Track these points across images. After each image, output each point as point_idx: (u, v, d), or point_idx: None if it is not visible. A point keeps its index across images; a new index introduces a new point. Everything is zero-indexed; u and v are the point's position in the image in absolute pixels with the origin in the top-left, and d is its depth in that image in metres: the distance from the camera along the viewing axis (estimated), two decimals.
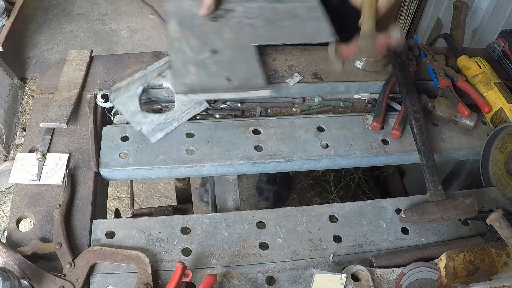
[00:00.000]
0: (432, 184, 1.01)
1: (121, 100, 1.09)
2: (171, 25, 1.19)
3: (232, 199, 1.10)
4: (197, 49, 1.14)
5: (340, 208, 1.02)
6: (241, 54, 1.16)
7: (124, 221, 0.97)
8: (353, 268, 0.89)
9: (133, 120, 1.06)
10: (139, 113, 1.08)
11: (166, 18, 1.22)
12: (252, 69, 1.13)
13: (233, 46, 1.17)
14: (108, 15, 3.57)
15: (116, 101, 1.08)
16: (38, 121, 1.10)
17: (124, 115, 1.07)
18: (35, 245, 0.89)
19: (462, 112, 1.14)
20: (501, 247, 0.87)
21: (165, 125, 1.08)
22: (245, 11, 1.25)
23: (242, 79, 1.10)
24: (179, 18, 1.21)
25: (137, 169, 1.04)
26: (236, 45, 1.18)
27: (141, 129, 1.06)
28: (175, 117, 1.11)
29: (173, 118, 1.10)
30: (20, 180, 0.99)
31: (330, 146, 1.11)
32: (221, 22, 1.22)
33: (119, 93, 1.07)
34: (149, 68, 1.12)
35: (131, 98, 1.09)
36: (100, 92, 1.14)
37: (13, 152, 2.70)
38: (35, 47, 3.25)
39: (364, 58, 1.23)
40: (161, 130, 1.07)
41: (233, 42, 1.18)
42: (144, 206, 2.47)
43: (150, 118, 1.09)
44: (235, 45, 1.18)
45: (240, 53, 1.16)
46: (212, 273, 0.87)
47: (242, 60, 1.15)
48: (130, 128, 1.10)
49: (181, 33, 1.17)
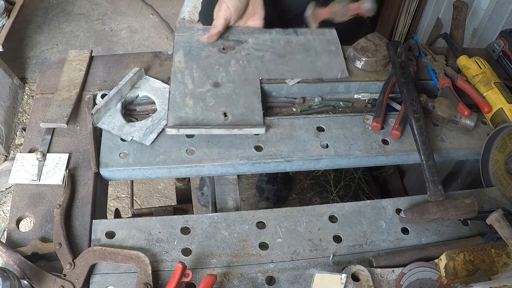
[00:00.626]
0: (432, 184, 1.01)
1: (105, 120, 1.09)
2: (177, 56, 1.19)
3: (232, 199, 1.10)
4: (199, 81, 1.14)
5: (340, 208, 1.02)
6: (243, 88, 1.14)
7: (124, 221, 0.97)
8: (353, 268, 0.89)
9: (122, 133, 1.07)
10: (125, 125, 1.08)
11: (174, 48, 1.21)
12: (251, 104, 1.11)
13: (236, 79, 1.16)
14: (108, 15, 3.57)
15: (100, 123, 1.08)
16: (38, 121, 1.10)
17: (113, 132, 1.07)
18: (35, 245, 0.89)
19: (462, 112, 1.14)
20: (501, 247, 0.87)
21: (154, 126, 1.09)
22: (256, 42, 1.24)
23: (238, 115, 1.09)
24: (187, 48, 1.21)
25: (137, 169, 1.04)
26: (240, 79, 1.16)
27: (132, 138, 1.06)
28: (161, 116, 1.11)
29: (159, 118, 1.11)
30: (20, 180, 0.99)
31: (330, 146, 1.11)
32: (230, 53, 1.21)
33: (100, 115, 1.07)
34: (121, 83, 1.11)
35: (113, 115, 1.09)
36: (100, 92, 1.14)
37: (13, 152, 2.70)
38: (35, 47, 3.25)
39: (336, 21, 1.26)
40: (152, 132, 1.08)
41: (237, 75, 1.17)
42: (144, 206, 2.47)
43: (138, 126, 1.09)
44: (239, 79, 1.16)
45: (242, 87, 1.15)
46: (212, 273, 0.87)
47: (243, 94, 1.13)
48: None
49: (185, 64, 1.17)
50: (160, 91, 1.15)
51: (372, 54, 1.25)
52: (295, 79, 1.20)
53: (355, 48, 1.26)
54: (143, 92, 1.15)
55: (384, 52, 1.25)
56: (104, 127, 1.08)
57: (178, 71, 1.15)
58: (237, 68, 1.18)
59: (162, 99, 1.13)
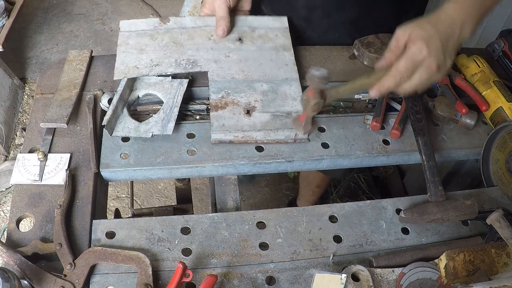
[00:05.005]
0: (433, 185, 1.01)
1: (117, 128, 1.08)
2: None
3: (232, 199, 1.10)
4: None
5: (340, 208, 1.02)
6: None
7: (124, 221, 0.97)
8: (353, 268, 0.89)
9: (141, 133, 1.06)
10: (140, 125, 1.08)
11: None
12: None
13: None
14: (108, 15, 3.57)
15: (115, 132, 1.07)
16: (38, 121, 1.10)
17: (130, 135, 1.07)
18: (35, 245, 0.89)
19: (460, 109, 1.14)
20: (501, 247, 0.87)
21: (169, 116, 1.08)
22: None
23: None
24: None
25: (138, 169, 1.04)
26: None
27: (153, 134, 1.06)
28: (170, 105, 1.11)
29: (169, 107, 1.10)
30: (21, 181, 0.99)
31: (331, 146, 1.11)
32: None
33: (112, 124, 1.07)
34: (119, 89, 1.10)
35: (124, 121, 1.09)
36: (104, 96, 1.12)
37: (13, 152, 2.70)
38: (35, 47, 3.25)
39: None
40: (169, 121, 1.07)
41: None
42: (144, 206, 2.47)
43: (153, 121, 1.08)
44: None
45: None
46: (212, 273, 0.87)
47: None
48: None
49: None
50: (158, 85, 1.15)
51: (375, 50, 1.25)
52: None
53: (362, 41, 1.27)
54: (142, 91, 1.15)
55: None
56: (119, 135, 1.07)
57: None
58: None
59: (163, 90, 1.13)
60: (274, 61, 1.19)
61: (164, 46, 1.17)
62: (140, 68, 1.13)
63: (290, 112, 1.10)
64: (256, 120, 1.08)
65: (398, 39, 1.00)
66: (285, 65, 1.19)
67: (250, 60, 1.18)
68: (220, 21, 1.21)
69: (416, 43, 0.96)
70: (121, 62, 1.14)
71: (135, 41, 1.18)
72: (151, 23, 1.21)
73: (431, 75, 0.98)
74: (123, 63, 1.14)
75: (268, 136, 1.07)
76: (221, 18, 1.20)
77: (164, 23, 1.21)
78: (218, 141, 1.06)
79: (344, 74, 1.25)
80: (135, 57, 1.15)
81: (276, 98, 1.12)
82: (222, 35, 1.21)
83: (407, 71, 0.96)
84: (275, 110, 1.10)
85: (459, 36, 1.00)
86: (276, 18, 1.28)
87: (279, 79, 1.15)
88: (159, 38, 1.19)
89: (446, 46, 0.98)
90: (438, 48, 0.96)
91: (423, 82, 0.99)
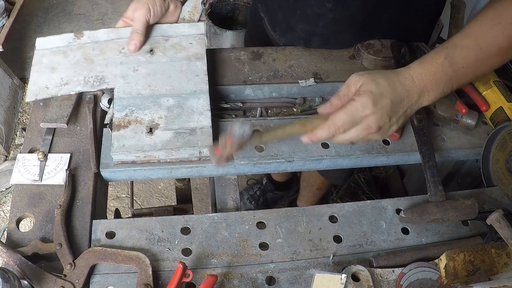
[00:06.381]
0: (433, 185, 1.01)
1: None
2: None
3: (232, 199, 1.10)
4: None
5: (340, 208, 1.02)
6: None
7: (124, 221, 0.97)
8: (353, 268, 0.89)
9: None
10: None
11: None
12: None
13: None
14: (108, 15, 3.57)
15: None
16: (38, 121, 1.10)
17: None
18: (35, 245, 0.89)
19: (460, 109, 1.14)
20: (501, 247, 0.87)
21: None
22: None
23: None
24: None
25: (138, 169, 1.04)
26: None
27: None
28: None
29: None
30: (21, 181, 0.99)
31: (331, 146, 1.11)
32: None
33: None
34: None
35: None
36: (104, 96, 1.12)
37: (13, 152, 2.70)
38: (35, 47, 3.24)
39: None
40: None
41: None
42: (144, 206, 2.47)
43: None
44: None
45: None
46: (212, 274, 0.87)
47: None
48: None
49: None
50: None
51: (374, 52, 1.25)
52: (308, 82, 1.21)
53: (362, 43, 1.27)
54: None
55: (387, 54, 1.24)
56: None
57: None
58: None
59: None
60: (184, 72, 1.12)
61: (75, 63, 1.12)
62: (50, 88, 1.09)
63: (194, 128, 1.03)
64: (157, 139, 1.01)
65: (349, 87, 0.92)
66: (195, 76, 1.11)
67: (159, 73, 1.12)
68: (134, 34, 1.14)
69: (363, 98, 0.88)
70: (33, 83, 1.09)
71: (48, 60, 1.13)
72: (66, 39, 1.16)
73: (368, 135, 0.91)
74: (35, 84, 1.09)
75: (170, 155, 1.02)
76: (136, 32, 1.14)
77: (79, 38, 1.16)
78: (120, 161, 1.02)
79: (344, 74, 1.25)
80: (47, 76, 1.10)
81: (181, 114, 1.05)
82: (134, 50, 1.14)
83: (344, 125, 0.89)
84: (179, 127, 1.03)
85: (415, 102, 0.93)
86: (193, 25, 1.21)
87: (187, 92, 1.09)
88: (71, 54, 1.14)
89: (396, 109, 0.91)
90: (385, 109, 0.89)
91: (359, 139, 0.93)
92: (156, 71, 1.12)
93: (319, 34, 1.27)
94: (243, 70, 1.24)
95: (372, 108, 0.88)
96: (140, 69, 1.13)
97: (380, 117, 0.89)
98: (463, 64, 0.93)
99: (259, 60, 1.27)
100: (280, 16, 1.32)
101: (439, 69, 0.92)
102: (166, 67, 1.13)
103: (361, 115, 0.88)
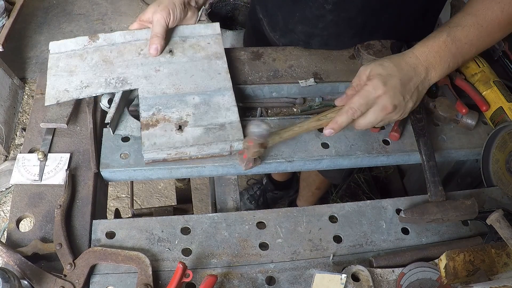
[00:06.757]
0: (433, 185, 1.01)
1: (120, 126, 1.07)
2: None
3: (232, 199, 1.10)
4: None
5: (340, 208, 1.02)
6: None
7: (124, 221, 0.97)
8: (353, 268, 0.89)
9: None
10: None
11: None
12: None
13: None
14: (108, 15, 3.57)
15: (117, 131, 1.07)
16: (38, 121, 1.10)
17: (134, 134, 1.07)
18: (35, 245, 0.89)
19: (460, 109, 1.14)
20: (501, 247, 0.87)
21: None
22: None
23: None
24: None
25: (138, 169, 1.04)
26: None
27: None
28: None
29: None
30: (21, 181, 0.99)
31: (331, 146, 1.11)
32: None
33: (114, 123, 1.06)
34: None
35: (126, 120, 1.08)
36: (104, 96, 1.12)
37: (13, 152, 2.70)
38: (35, 47, 3.25)
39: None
40: None
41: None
42: (144, 206, 2.48)
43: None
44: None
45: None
46: (212, 274, 0.87)
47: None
48: None
49: None
50: None
51: (374, 52, 1.25)
52: (308, 81, 1.21)
53: (362, 43, 1.27)
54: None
55: (387, 54, 1.24)
56: (122, 133, 1.07)
57: None
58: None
59: None
60: (206, 71, 1.14)
61: (94, 66, 1.13)
62: (70, 91, 1.09)
63: (223, 123, 1.05)
64: (188, 135, 1.03)
65: (360, 76, 0.98)
66: (218, 74, 1.13)
67: (181, 72, 1.13)
68: (154, 38, 1.13)
69: (373, 81, 0.94)
70: (51, 87, 1.09)
71: (65, 63, 1.13)
72: (81, 42, 1.16)
73: (386, 114, 0.96)
74: (54, 88, 1.09)
75: (202, 150, 1.03)
76: (156, 35, 1.13)
77: (94, 40, 1.17)
78: (151, 160, 1.03)
79: (344, 74, 1.25)
80: (66, 80, 1.10)
81: (208, 111, 1.07)
82: (155, 54, 1.14)
83: (360, 107, 0.94)
84: (208, 123, 1.05)
85: (424, 78, 0.98)
86: (208, 25, 1.22)
87: (212, 90, 1.11)
88: (88, 57, 1.14)
89: (407, 87, 0.96)
90: (396, 87, 0.94)
91: (378, 120, 0.97)
92: (178, 71, 1.14)
93: (319, 35, 1.27)
94: (243, 70, 1.24)
95: (383, 88, 0.93)
96: (161, 69, 1.14)
97: (393, 95, 0.94)
98: (465, 41, 0.99)
99: (259, 60, 1.27)
100: (280, 18, 1.32)
101: (442, 46, 0.98)
102: (187, 67, 1.15)
103: (374, 96, 0.94)
